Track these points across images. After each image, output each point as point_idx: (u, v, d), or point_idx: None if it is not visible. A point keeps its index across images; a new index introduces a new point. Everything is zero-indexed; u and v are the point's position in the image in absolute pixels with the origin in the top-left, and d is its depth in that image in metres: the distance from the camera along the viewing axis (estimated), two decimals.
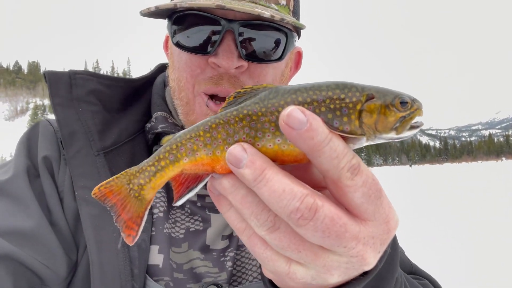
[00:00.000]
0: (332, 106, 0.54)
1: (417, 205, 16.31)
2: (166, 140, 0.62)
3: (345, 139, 0.54)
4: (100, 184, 0.62)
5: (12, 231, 0.95)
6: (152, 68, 1.41)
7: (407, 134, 0.57)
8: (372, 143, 0.58)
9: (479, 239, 9.56)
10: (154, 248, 1.09)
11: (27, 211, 0.99)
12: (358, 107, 0.55)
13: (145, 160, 0.61)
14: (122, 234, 0.62)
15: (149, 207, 0.62)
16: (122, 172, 0.62)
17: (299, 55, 1.37)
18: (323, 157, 0.51)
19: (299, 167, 0.62)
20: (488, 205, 15.81)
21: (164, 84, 1.34)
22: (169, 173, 0.60)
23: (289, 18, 1.06)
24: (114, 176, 0.62)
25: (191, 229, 1.15)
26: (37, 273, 0.96)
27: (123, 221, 0.62)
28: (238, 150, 0.54)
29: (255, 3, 1.07)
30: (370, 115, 0.55)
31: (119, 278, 0.99)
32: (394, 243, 0.82)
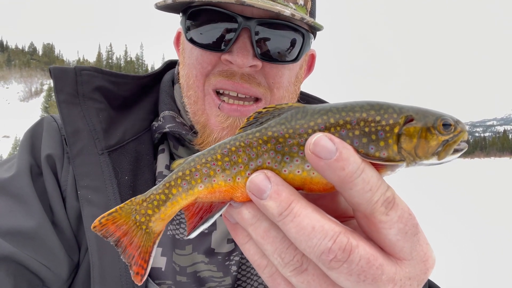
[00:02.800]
0: (367, 130, 0.49)
1: (427, 202, 16.18)
2: (177, 164, 0.56)
3: (381, 166, 0.50)
4: (101, 216, 0.56)
5: (13, 231, 0.93)
6: (163, 59, 1.53)
7: (449, 158, 0.52)
8: (410, 168, 0.52)
9: (487, 240, 9.47)
10: (157, 251, 1.07)
11: (29, 210, 0.98)
12: (396, 130, 0.49)
13: (153, 188, 0.56)
14: (130, 271, 0.56)
15: (158, 241, 0.56)
16: (127, 202, 0.56)
17: (312, 57, 1.34)
18: (354, 190, 0.46)
19: (324, 195, 0.57)
20: (498, 204, 15.60)
21: (173, 82, 1.31)
22: (182, 202, 0.54)
23: (309, 18, 1.03)
24: (117, 206, 0.56)
25: None
26: (38, 275, 0.95)
27: (131, 256, 0.56)
28: (260, 179, 0.49)
29: (274, 1, 1.03)
30: (409, 140, 0.50)
31: (120, 281, 0.97)
32: None
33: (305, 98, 1.42)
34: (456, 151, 0.52)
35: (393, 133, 0.49)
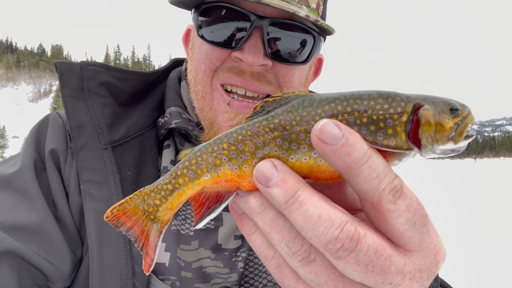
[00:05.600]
0: (374, 117, 0.49)
1: (434, 202, 16.04)
2: (183, 154, 0.56)
3: (389, 154, 0.49)
4: (112, 206, 0.56)
5: (16, 226, 0.93)
6: (169, 59, 1.39)
7: (463, 143, 0.52)
8: (425, 157, 0.52)
9: (495, 240, 9.35)
10: (161, 246, 1.06)
11: (32, 205, 0.98)
12: (404, 118, 0.49)
13: (161, 178, 0.56)
14: (143, 260, 0.57)
15: (164, 231, 0.57)
16: (136, 192, 0.57)
17: (320, 61, 1.34)
18: (361, 177, 0.45)
19: (331, 186, 0.55)
20: (508, 204, 15.41)
21: (179, 79, 1.31)
22: (188, 192, 0.54)
23: (322, 20, 1.04)
24: (127, 197, 0.57)
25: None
26: (41, 270, 0.95)
27: (144, 245, 0.57)
28: (267, 167, 0.48)
29: (288, 2, 1.02)
30: (428, 124, 0.49)
31: (119, 276, 0.97)
32: None
33: None
34: (467, 137, 0.52)
35: (401, 121, 0.49)
